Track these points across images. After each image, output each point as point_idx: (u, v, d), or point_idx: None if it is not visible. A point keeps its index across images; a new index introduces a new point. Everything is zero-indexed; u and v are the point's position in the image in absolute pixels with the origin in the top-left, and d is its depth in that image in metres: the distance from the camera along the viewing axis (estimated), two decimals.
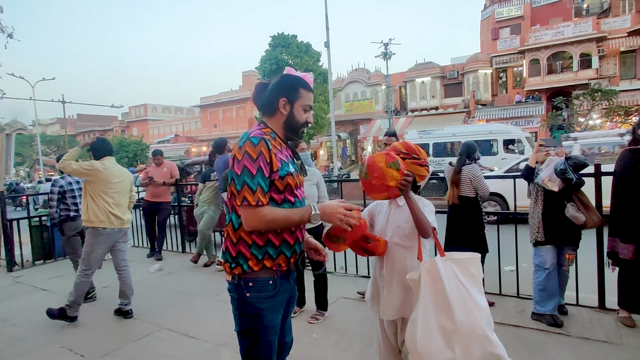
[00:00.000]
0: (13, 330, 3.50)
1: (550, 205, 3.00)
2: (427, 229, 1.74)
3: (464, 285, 1.64)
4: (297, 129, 1.59)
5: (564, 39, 22.59)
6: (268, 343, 1.54)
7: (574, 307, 3.22)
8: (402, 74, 28.13)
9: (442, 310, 1.61)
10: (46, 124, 51.38)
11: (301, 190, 1.63)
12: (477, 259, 1.73)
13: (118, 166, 3.71)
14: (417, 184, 1.88)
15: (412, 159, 1.84)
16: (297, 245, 1.57)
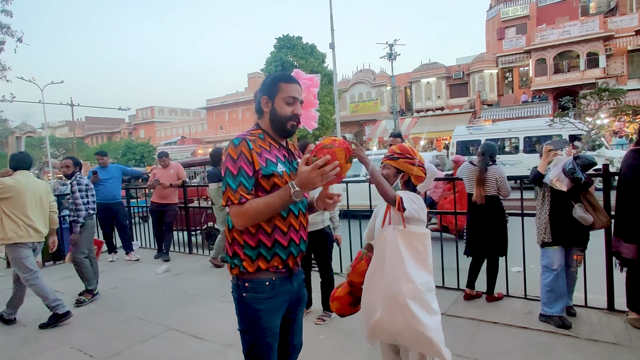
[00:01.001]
0: (24, 330, 3.55)
1: (557, 205, 2.99)
2: (388, 195, 1.85)
3: (402, 256, 1.79)
4: (283, 124, 1.55)
5: (571, 38, 22.43)
6: (266, 344, 1.53)
7: (582, 309, 3.20)
8: (407, 75, 28.08)
9: (377, 273, 1.84)
10: (55, 127, 51.91)
11: None
12: (424, 235, 1.86)
13: (33, 179, 3.77)
14: (414, 184, 2.00)
15: (405, 158, 1.97)
16: (292, 247, 1.54)
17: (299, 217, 1.56)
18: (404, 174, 1.99)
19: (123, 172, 6.35)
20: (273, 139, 1.57)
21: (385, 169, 2.02)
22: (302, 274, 1.70)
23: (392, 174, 2.00)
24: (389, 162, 2.01)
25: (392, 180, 1.99)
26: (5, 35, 11.31)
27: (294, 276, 1.61)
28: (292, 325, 1.68)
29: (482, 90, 25.36)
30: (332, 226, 3.43)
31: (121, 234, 6.13)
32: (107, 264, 5.83)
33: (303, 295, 1.71)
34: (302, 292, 1.70)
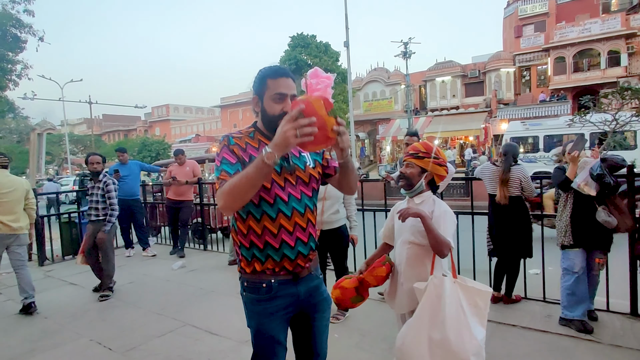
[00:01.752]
0: (45, 322, 3.64)
1: (579, 208, 2.91)
2: (442, 249, 1.76)
3: (464, 311, 1.73)
4: (273, 124, 1.37)
5: (591, 36, 21.86)
6: (261, 347, 1.52)
7: (604, 313, 3.12)
8: (421, 73, 27.79)
9: (435, 324, 1.72)
10: (74, 124, 53.09)
11: (290, 190, 1.46)
12: (487, 293, 1.80)
13: (10, 177, 3.95)
14: (436, 184, 1.97)
15: (430, 157, 1.92)
16: (285, 249, 1.44)
17: (292, 218, 1.45)
18: (428, 173, 1.94)
19: (141, 168, 6.45)
20: (266, 137, 1.48)
21: (409, 167, 1.96)
22: (316, 278, 1.59)
23: (417, 173, 1.94)
24: (414, 160, 1.95)
25: (417, 179, 1.94)
26: (28, 34, 11.59)
27: (300, 280, 1.52)
28: (312, 331, 1.59)
29: (499, 89, 24.93)
30: (348, 225, 3.42)
31: (138, 230, 6.23)
32: (124, 259, 5.93)
33: (320, 300, 1.59)
34: (318, 298, 1.59)
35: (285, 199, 1.44)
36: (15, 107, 15.63)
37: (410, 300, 1.88)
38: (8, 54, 11.42)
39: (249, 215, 1.45)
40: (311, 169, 1.54)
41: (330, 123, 1.23)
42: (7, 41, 11.22)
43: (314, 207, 1.55)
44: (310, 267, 1.56)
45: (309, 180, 1.52)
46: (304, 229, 1.48)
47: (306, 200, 1.49)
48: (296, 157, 1.52)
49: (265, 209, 1.43)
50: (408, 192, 1.97)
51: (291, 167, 1.48)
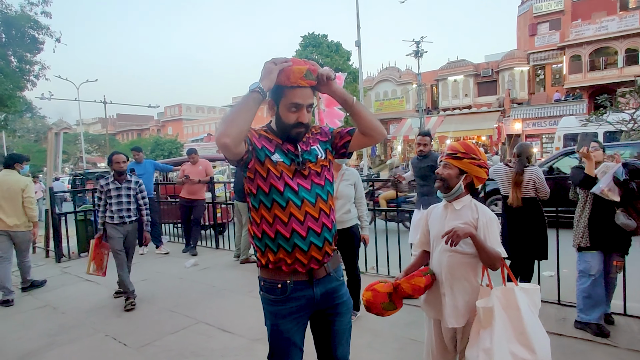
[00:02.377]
0: (63, 317, 3.73)
1: (598, 210, 2.85)
2: (495, 262, 1.70)
3: (534, 315, 1.67)
4: (286, 132, 1.47)
5: (608, 34, 21.42)
6: (276, 347, 1.51)
7: (621, 317, 3.06)
8: (433, 72, 27.57)
9: (515, 339, 1.61)
10: (89, 124, 54.11)
11: (299, 181, 1.47)
12: (538, 290, 1.75)
13: (9, 177, 4.31)
14: (476, 187, 1.85)
15: (470, 159, 1.80)
16: (297, 239, 1.43)
17: (302, 207, 1.44)
18: (467, 175, 1.81)
19: (155, 167, 6.55)
20: (278, 136, 1.51)
21: (447, 168, 1.82)
22: (335, 280, 1.56)
23: (455, 175, 1.80)
24: (452, 161, 1.81)
25: (454, 181, 1.80)
26: (45, 35, 11.83)
27: (317, 281, 1.50)
28: (331, 335, 1.57)
29: (512, 88, 24.58)
30: (359, 225, 3.42)
31: (152, 228, 6.31)
32: (138, 256, 6.01)
33: (339, 303, 1.57)
34: (337, 300, 1.56)
35: (295, 188, 1.45)
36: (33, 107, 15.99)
37: (462, 314, 1.77)
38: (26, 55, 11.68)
39: (260, 204, 1.47)
40: (322, 160, 1.55)
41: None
42: (26, 42, 11.48)
43: (328, 197, 1.53)
44: (328, 267, 1.53)
45: (321, 171, 1.53)
46: (315, 218, 1.46)
47: (317, 189, 1.49)
48: (307, 151, 1.52)
49: (275, 197, 1.44)
50: (446, 195, 1.84)
51: (302, 162, 1.49)
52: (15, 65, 11.54)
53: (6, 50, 11.18)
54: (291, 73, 1.41)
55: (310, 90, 1.48)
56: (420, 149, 4.03)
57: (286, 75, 1.42)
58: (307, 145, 1.54)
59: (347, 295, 1.63)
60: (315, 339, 1.63)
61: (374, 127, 1.56)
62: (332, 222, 1.52)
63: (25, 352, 3.05)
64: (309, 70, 1.44)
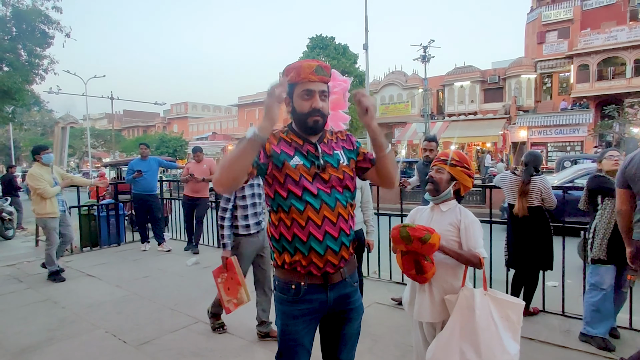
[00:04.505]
0: (63, 312, 3.72)
1: None
2: (475, 263, 1.78)
3: (495, 324, 1.71)
4: (302, 121, 1.47)
5: (617, 44, 21.28)
6: (285, 347, 1.52)
7: (626, 331, 3.01)
8: (440, 78, 27.51)
9: (467, 337, 1.71)
10: (95, 119, 54.34)
11: (319, 185, 1.46)
12: (520, 306, 1.78)
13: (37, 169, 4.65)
14: (461, 194, 1.94)
15: (462, 167, 1.91)
16: (313, 242, 1.43)
17: (320, 211, 1.43)
18: (457, 182, 1.90)
19: (159, 164, 6.56)
20: (298, 136, 1.51)
21: (439, 173, 1.91)
22: (349, 286, 1.56)
23: (446, 180, 1.89)
24: (446, 167, 1.90)
25: (444, 186, 1.89)
26: (55, 30, 11.89)
27: (332, 286, 1.49)
28: (339, 339, 1.59)
29: (519, 96, 24.48)
30: (365, 230, 3.39)
31: (154, 225, 6.33)
32: (139, 253, 6.03)
33: (351, 309, 1.57)
34: (349, 306, 1.56)
35: (314, 192, 1.44)
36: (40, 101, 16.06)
37: (439, 311, 1.84)
38: (36, 49, 11.74)
39: (279, 207, 1.48)
40: (345, 166, 1.53)
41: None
42: (36, 37, 11.53)
43: (347, 204, 1.51)
44: (344, 272, 1.52)
45: (343, 177, 1.51)
46: (333, 223, 1.45)
47: (337, 194, 1.48)
48: (329, 155, 1.51)
49: (294, 202, 1.44)
50: (434, 198, 1.92)
51: (322, 165, 1.47)
52: (25, 59, 11.61)
53: (16, 44, 11.25)
54: (301, 70, 1.44)
55: (322, 83, 1.48)
56: (427, 154, 4.00)
57: (297, 72, 1.44)
58: (330, 148, 1.53)
59: (360, 301, 1.63)
60: (322, 340, 1.64)
61: (391, 177, 1.55)
62: (350, 227, 1.52)
63: (25, 347, 3.04)
64: (319, 66, 1.46)
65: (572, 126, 22.15)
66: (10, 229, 7.92)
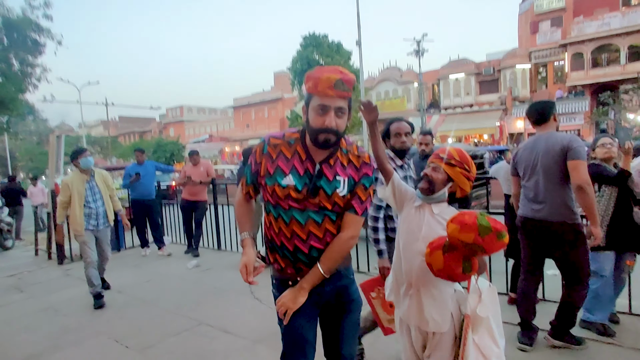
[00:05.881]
0: (65, 320, 3.73)
1: (619, 209, 2.81)
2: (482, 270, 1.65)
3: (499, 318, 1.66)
4: (313, 136, 1.40)
5: (611, 31, 21.33)
6: (289, 344, 1.53)
7: (626, 316, 3.03)
8: (435, 72, 27.54)
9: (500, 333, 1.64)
10: (91, 126, 54.28)
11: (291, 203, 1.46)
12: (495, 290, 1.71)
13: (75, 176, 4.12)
14: (456, 197, 1.74)
15: (462, 169, 1.69)
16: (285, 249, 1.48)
17: (290, 225, 1.45)
18: (454, 184, 1.70)
19: (156, 168, 6.56)
20: (304, 148, 1.47)
21: (436, 171, 1.70)
22: (345, 278, 1.58)
23: (442, 180, 1.69)
24: (445, 167, 1.69)
25: (440, 186, 1.69)
26: (47, 38, 11.88)
27: (327, 279, 1.50)
28: (339, 332, 1.59)
29: (514, 87, 24.52)
30: None
31: (154, 229, 6.33)
32: (140, 258, 6.03)
33: (349, 301, 1.59)
34: (347, 298, 1.58)
35: (285, 207, 1.46)
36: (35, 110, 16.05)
37: (426, 320, 1.66)
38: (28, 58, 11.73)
39: (270, 212, 1.53)
40: (339, 197, 1.46)
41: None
42: (27, 45, 11.52)
43: (325, 221, 1.47)
44: (338, 266, 1.54)
45: (331, 207, 1.46)
46: (303, 240, 1.46)
47: (311, 212, 1.45)
48: (328, 180, 1.45)
49: (272, 208, 1.50)
50: (425, 197, 1.71)
51: (314, 188, 1.44)
52: (17, 68, 11.59)
53: (8, 53, 11.24)
54: (319, 82, 1.35)
55: (340, 99, 1.38)
56: (422, 148, 4.01)
57: (314, 84, 1.37)
58: (333, 172, 1.45)
59: (357, 293, 1.65)
60: (323, 335, 1.66)
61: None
62: (327, 243, 1.48)
63: (29, 355, 3.05)
64: (340, 80, 1.35)
65: (568, 115, 22.18)
66: (9, 239, 7.91)
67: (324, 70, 1.38)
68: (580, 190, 2.43)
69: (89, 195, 4.07)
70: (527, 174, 2.72)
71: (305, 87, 1.42)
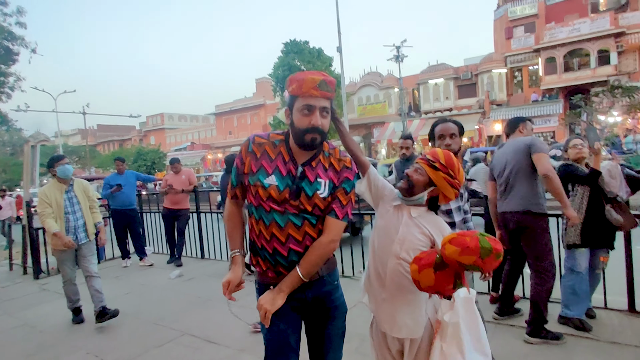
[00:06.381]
0: (41, 336, 3.60)
1: (591, 207, 2.90)
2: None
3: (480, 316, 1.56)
4: (299, 136, 1.43)
5: (581, 36, 22.16)
6: (271, 350, 1.52)
7: (602, 311, 3.13)
8: (415, 77, 27.99)
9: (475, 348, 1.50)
10: (67, 135, 52.88)
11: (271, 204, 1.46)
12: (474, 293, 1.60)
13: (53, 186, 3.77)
14: (437, 204, 1.64)
15: (446, 174, 1.58)
16: (265, 251, 1.48)
17: (269, 227, 1.46)
18: (435, 189, 1.61)
19: (137, 178, 6.44)
20: (288, 150, 1.49)
21: (418, 173, 1.62)
22: (328, 284, 1.56)
23: (423, 184, 1.60)
24: (428, 169, 1.61)
25: (420, 189, 1.60)
26: (20, 46, 11.57)
27: (308, 285, 1.50)
28: (323, 339, 1.59)
29: (491, 90, 25.15)
30: None
31: (135, 240, 6.19)
32: (121, 269, 5.89)
33: (332, 308, 1.58)
34: (330, 304, 1.57)
35: (267, 209, 1.47)
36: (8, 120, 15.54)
37: (401, 325, 1.60)
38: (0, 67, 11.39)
39: (252, 214, 1.53)
40: (320, 199, 1.46)
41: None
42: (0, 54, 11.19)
43: (304, 225, 1.46)
44: (321, 271, 1.53)
45: (311, 209, 1.46)
46: (282, 242, 1.46)
47: (290, 215, 1.45)
48: (310, 182, 1.46)
49: (253, 210, 1.51)
50: (403, 198, 1.63)
51: (295, 191, 1.45)
52: None
53: None
54: (303, 83, 1.39)
55: (324, 99, 1.42)
56: (403, 152, 4.07)
57: (299, 85, 1.40)
58: (315, 174, 1.47)
59: (342, 299, 1.64)
60: (308, 342, 1.64)
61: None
62: (306, 247, 1.48)
63: None
64: (324, 80, 1.40)
65: (543, 117, 22.87)
66: None
67: (307, 73, 1.43)
68: (546, 178, 2.68)
69: (68, 206, 3.71)
70: (499, 174, 3.00)
71: (289, 90, 1.44)
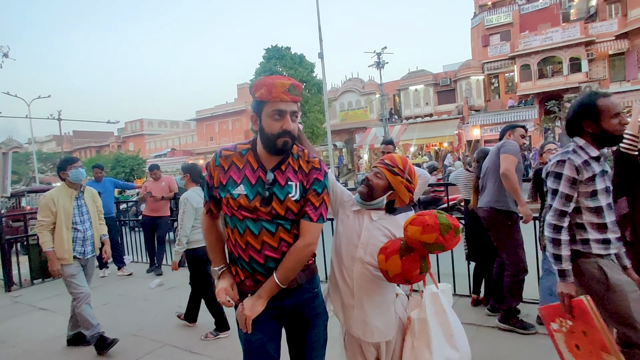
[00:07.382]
0: (13, 351, 3.44)
1: None
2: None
3: (453, 312, 1.63)
4: (271, 142, 1.41)
5: (553, 44, 22.98)
6: (250, 357, 1.51)
7: None
8: (395, 82, 28.39)
9: (447, 342, 1.55)
10: (42, 142, 51.22)
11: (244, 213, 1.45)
12: (450, 288, 1.76)
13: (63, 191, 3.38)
14: (394, 207, 1.67)
15: (404, 179, 1.64)
16: (242, 260, 1.48)
17: (244, 235, 1.45)
18: (393, 193, 1.64)
19: (115, 185, 6.28)
20: (255, 157, 1.48)
21: (377, 177, 1.65)
22: (307, 292, 1.55)
23: (382, 188, 1.63)
24: (386, 173, 1.64)
25: (379, 193, 1.63)
26: None
27: (286, 293, 1.49)
28: (305, 347, 1.57)
29: (470, 96, 25.74)
30: None
31: (113, 249, 6.00)
32: (98, 280, 5.70)
33: (312, 316, 1.56)
34: (310, 312, 1.56)
35: (239, 217, 1.46)
36: None
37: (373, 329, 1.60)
38: None
39: (227, 224, 1.54)
40: (292, 202, 1.45)
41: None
42: None
43: (278, 231, 1.45)
44: (300, 279, 1.52)
45: (284, 213, 1.45)
46: (257, 250, 1.45)
47: (264, 222, 1.44)
48: (280, 186, 1.45)
49: (228, 219, 1.51)
50: (363, 202, 1.65)
51: (266, 197, 1.44)
52: None
53: None
54: (273, 87, 1.37)
55: (293, 103, 1.43)
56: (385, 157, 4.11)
57: (268, 90, 1.38)
58: (285, 178, 1.46)
59: (322, 307, 1.62)
60: (289, 350, 1.62)
61: None
62: (283, 253, 1.46)
63: None
64: (292, 85, 1.40)
65: (520, 122, 23.40)
66: None
67: (274, 78, 1.40)
68: (503, 176, 2.92)
69: (77, 215, 3.32)
70: (483, 175, 3.27)
71: (256, 95, 1.41)
